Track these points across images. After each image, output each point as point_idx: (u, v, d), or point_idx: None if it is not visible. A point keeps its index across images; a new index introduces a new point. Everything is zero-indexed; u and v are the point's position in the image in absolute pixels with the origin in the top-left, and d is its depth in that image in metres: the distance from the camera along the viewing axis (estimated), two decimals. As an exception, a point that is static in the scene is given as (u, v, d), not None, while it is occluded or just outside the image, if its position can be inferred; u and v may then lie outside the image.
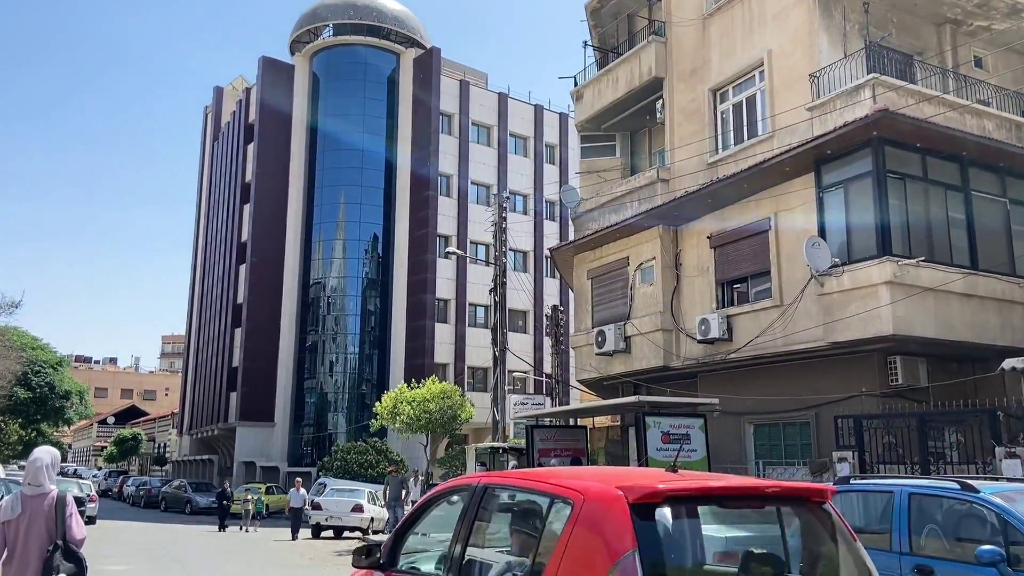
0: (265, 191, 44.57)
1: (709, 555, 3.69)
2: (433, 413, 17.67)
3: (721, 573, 3.69)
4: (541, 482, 3.86)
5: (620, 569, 3.00)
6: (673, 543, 3.38)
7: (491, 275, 45.47)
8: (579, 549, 3.22)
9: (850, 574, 3.62)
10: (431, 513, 4.63)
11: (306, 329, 44.37)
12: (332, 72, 45.79)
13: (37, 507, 5.21)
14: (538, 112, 48.53)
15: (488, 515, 4.13)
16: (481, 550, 4.04)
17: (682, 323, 16.90)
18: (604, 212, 19.28)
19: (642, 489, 3.24)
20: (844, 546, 3.67)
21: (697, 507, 3.51)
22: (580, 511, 3.32)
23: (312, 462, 41.27)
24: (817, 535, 3.74)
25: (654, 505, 3.21)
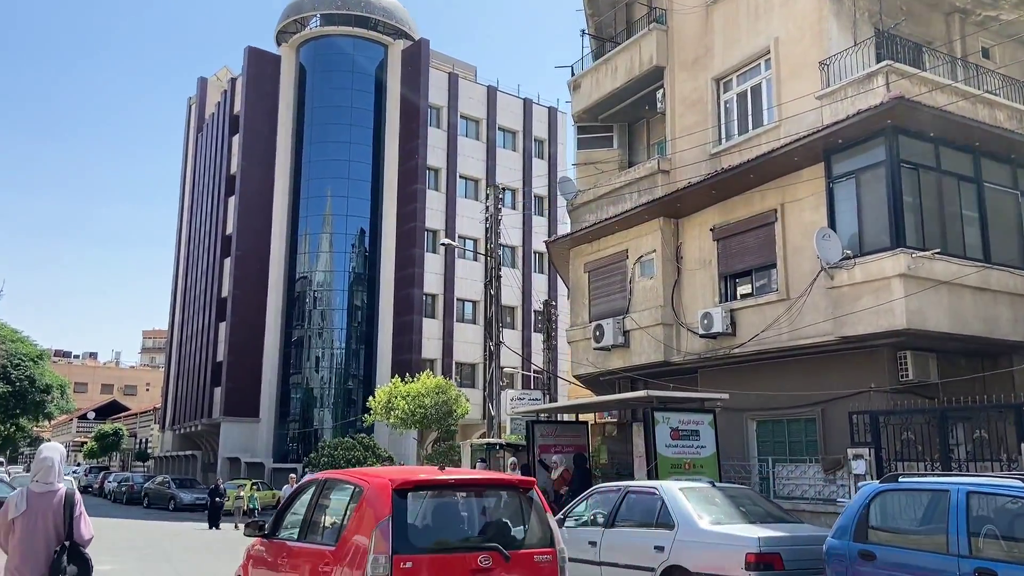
0: (250, 183, 43.86)
1: (456, 519, 5.84)
2: (428, 408, 17.18)
3: (455, 529, 5.80)
4: (353, 476, 6.19)
5: (381, 527, 5.18)
6: (415, 514, 5.52)
7: (480, 270, 45.11)
8: (363, 514, 5.51)
9: (541, 534, 5.84)
10: (299, 499, 6.73)
11: (292, 323, 43.74)
12: (319, 63, 45.12)
13: (45, 504, 5.16)
14: (527, 106, 48.10)
15: (327, 497, 6.39)
16: (320, 517, 6.33)
17: (683, 317, 16.54)
18: (602, 204, 18.87)
19: (399, 481, 5.56)
20: (538, 517, 5.90)
21: (437, 492, 5.78)
22: (366, 493, 5.65)
23: (298, 458, 40.71)
24: (524, 510, 5.92)
25: (405, 491, 5.49)
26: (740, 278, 15.70)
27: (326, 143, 43.72)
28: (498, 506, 5.93)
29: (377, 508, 5.33)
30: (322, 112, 44.12)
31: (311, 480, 6.86)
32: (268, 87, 44.83)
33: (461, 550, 5.41)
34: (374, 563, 5.04)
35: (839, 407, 13.67)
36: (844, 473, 11.15)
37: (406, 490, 5.42)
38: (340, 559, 5.39)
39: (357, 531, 5.41)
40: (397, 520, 5.21)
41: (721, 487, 8.01)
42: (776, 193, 14.73)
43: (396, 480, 5.55)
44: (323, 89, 44.49)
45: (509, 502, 5.93)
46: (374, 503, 5.41)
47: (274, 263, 43.74)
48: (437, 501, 5.72)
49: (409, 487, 5.46)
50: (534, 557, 5.58)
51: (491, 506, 5.94)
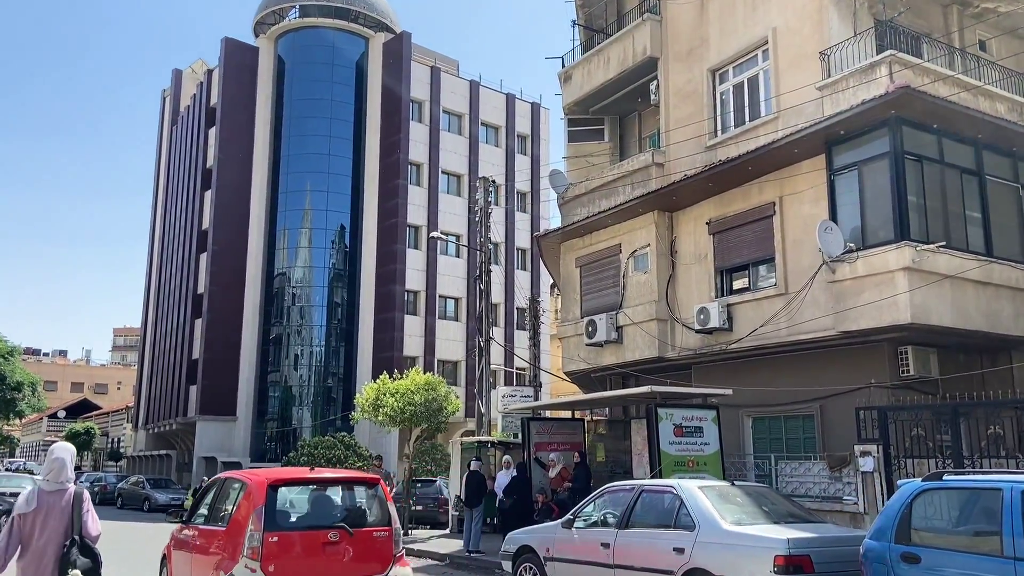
0: (227, 177, 43.04)
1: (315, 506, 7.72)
2: (417, 406, 16.76)
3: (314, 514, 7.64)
4: (242, 475, 7.93)
5: (256, 512, 6.85)
6: (283, 503, 7.35)
7: (462, 267, 44.71)
8: (245, 504, 7.25)
9: (381, 516, 7.70)
10: (208, 493, 8.45)
11: (270, 320, 42.99)
12: (298, 55, 44.38)
13: (54, 502, 5.37)
14: (510, 101, 47.71)
15: (225, 491, 8.10)
16: (219, 506, 8.02)
17: (678, 312, 16.27)
18: (594, 197, 18.55)
19: (272, 479, 7.38)
20: (380, 504, 7.76)
21: (301, 486, 7.84)
22: (249, 487, 7.34)
23: (276, 457, 40.02)
24: (369, 499, 7.88)
25: (276, 486, 7.28)
26: (737, 272, 15.46)
27: (305, 136, 43.01)
28: (349, 496, 8.07)
29: (255, 498, 7.09)
30: (301, 105, 43.40)
31: (216, 479, 8.68)
32: (246, 79, 44.02)
33: (316, 528, 7.38)
34: (250, 537, 6.83)
35: (838, 403, 13.47)
36: (850, 470, 10.91)
37: (277, 485, 7.29)
38: (229, 536, 7.24)
39: (240, 515, 7.21)
40: (269, 507, 6.90)
41: (741, 485, 7.68)
42: (774, 186, 14.49)
43: (271, 478, 7.43)
44: (302, 81, 43.77)
45: (358, 493, 8.08)
46: (253, 495, 7.18)
47: (252, 258, 42.96)
48: (302, 493, 7.90)
49: (279, 483, 7.38)
50: (373, 533, 7.60)
51: (344, 496, 8.06)
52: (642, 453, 12.50)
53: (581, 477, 12.28)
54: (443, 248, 43.63)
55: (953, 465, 9.50)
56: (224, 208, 42.71)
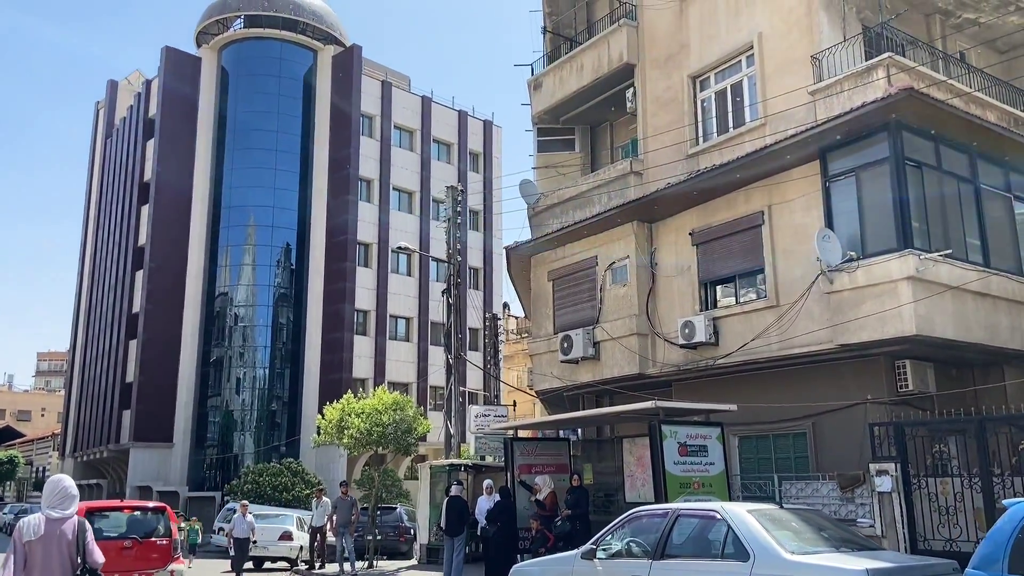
0: (166, 191, 41.15)
1: (119, 524, 11.87)
2: (386, 427, 15.64)
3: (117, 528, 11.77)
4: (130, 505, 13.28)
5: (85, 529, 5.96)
6: (98, 522, 11.02)
7: (414, 286, 43.58)
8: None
9: (164, 530, 11.91)
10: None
11: (210, 341, 41.05)
12: (243, 66, 42.91)
13: (58, 530, 5.45)
14: (462, 118, 47.02)
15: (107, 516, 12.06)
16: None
17: (659, 327, 15.58)
18: (568, 208, 17.84)
19: (86, 508, 10.73)
20: (163, 522, 12.02)
21: (107, 512, 12.36)
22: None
23: (216, 486, 38.04)
24: (156, 519, 12.11)
25: (90, 512, 11.06)
26: (723, 284, 14.87)
27: (250, 150, 41.46)
28: (142, 517, 12.02)
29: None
30: (246, 117, 41.89)
31: (88, 507, 11.02)
32: (187, 89, 42.32)
33: (118, 538, 11.17)
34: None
35: (833, 420, 12.92)
36: (864, 490, 10.28)
37: (90, 512, 9.96)
38: None
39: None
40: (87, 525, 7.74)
41: (791, 508, 6.90)
42: (762, 194, 13.98)
43: (88, 507, 10.82)
44: (248, 93, 42.29)
45: (149, 515, 12.13)
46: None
47: (191, 276, 41.05)
48: (109, 516, 11.72)
49: (91, 510, 10.73)
50: (157, 542, 11.55)
51: (139, 517, 12.02)
52: (634, 474, 11.69)
53: (581, 502, 11.37)
54: (395, 266, 42.49)
55: (982, 484, 8.95)
56: (162, 223, 40.78)
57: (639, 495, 11.60)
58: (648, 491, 11.40)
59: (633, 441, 11.92)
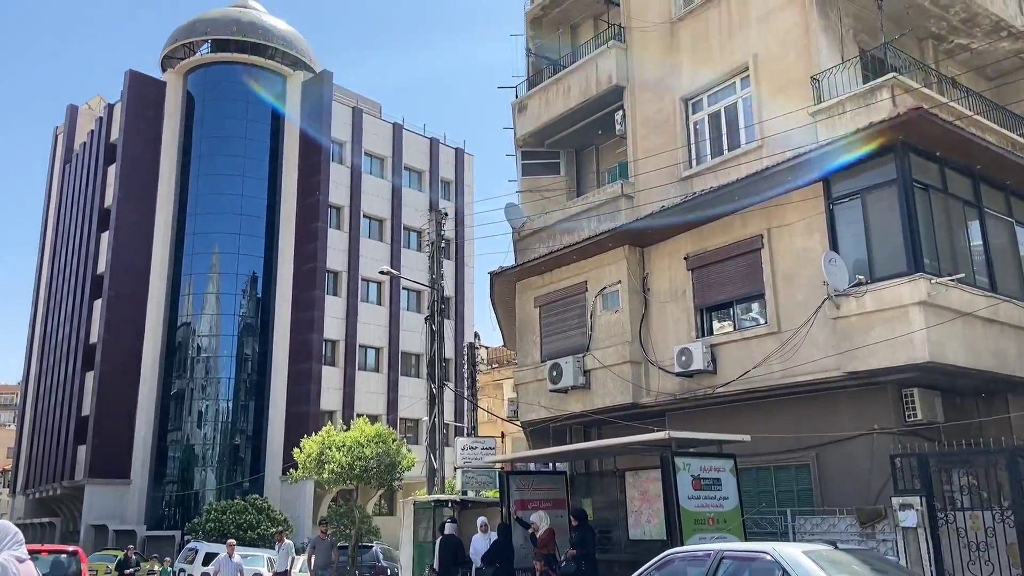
0: (128, 218, 39.93)
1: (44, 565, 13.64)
2: (369, 460, 14.78)
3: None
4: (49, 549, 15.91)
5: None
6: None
7: (384, 315, 42.68)
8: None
9: (77, 570, 14.32)
10: None
11: (172, 373, 39.66)
12: (210, 92, 42.08)
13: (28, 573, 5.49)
14: (434, 146, 46.60)
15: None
16: None
17: (653, 354, 15.05)
18: (555, 232, 17.32)
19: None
20: (76, 564, 14.48)
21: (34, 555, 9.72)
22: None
23: (176, 524, 36.47)
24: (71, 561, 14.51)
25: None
26: (719, 310, 14.41)
27: (216, 176, 40.50)
28: (59, 560, 13.95)
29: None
30: (212, 143, 40.97)
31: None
32: (151, 114, 41.33)
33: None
34: None
35: (837, 451, 12.45)
36: (886, 526, 9.77)
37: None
38: None
39: None
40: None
41: (847, 550, 6.30)
42: (761, 217, 13.60)
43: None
44: (214, 118, 41.42)
45: (66, 558, 14.11)
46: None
47: (153, 306, 39.73)
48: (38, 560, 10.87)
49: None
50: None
51: (58, 560, 13.95)
52: (639, 510, 11.06)
53: (587, 540, 10.66)
54: (364, 295, 41.60)
55: (1016, 518, 8.49)
56: (123, 250, 39.48)
57: (644, 532, 10.96)
58: (654, 528, 10.77)
59: (636, 474, 11.31)
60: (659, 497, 10.76)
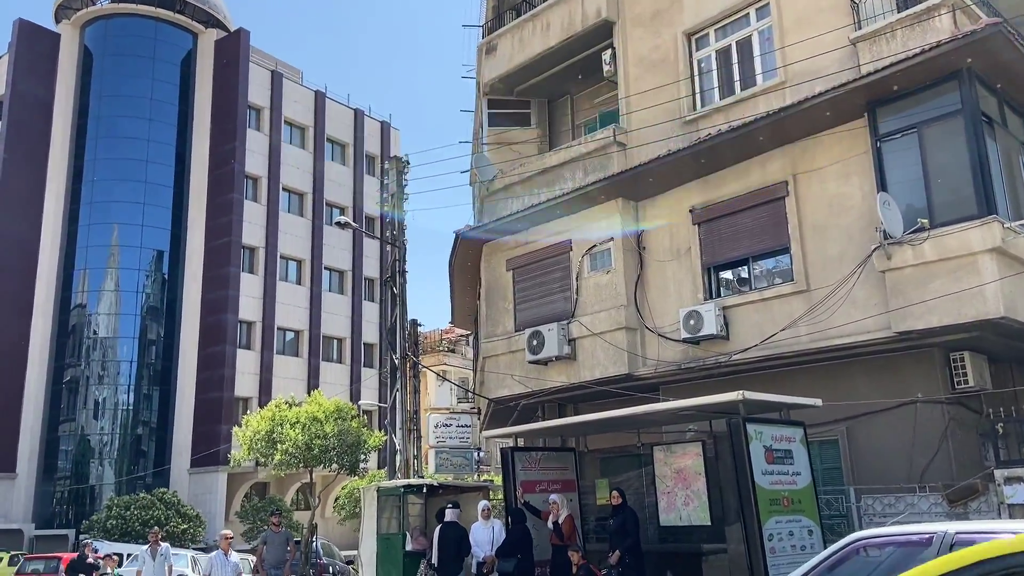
0: (14, 183, 35.60)
1: None
2: (330, 439, 12.47)
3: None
4: None
5: None
6: None
7: (304, 296, 39.67)
8: None
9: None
10: None
11: (64, 357, 35.64)
12: (110, 47, 38.07)
13: None
14: (358, 117, 43.80)
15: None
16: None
17: (651, 320, 13.32)
18: (531, 186, 15.41)
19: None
20: None
21: None
22: None
23: (68, 522, 32.67)
24: None
25: None
26: (732, 268, 12.82)
27: (117, 139, 36.62)
28: None
29: None
30: (113, 103, 37.04)
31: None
32: (43, 68, 37.04)
33: None
34: None
35: (871, 424, 11.06)
36: (982, 503, 8.31)
37: None
38: None
39: None
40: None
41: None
42: (784, 162, 12.05)
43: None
44: (115, 76, 37.46)
45: None
46: None
47: (42, 282, 35.57)
48: None
49: None
50: None
51: None
52: (672, 491, 9.27)
53: (629, 526, 8.74)
54: (283, 273, 38.53)
55: None
56: (8, 219, 35.15)
57: (679, 517, 9.19)
58: (694, 512, 9.02)
59: (668, 449, 9.51)
60: (699, 476, 9.04)
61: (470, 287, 19.60)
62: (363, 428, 14.02)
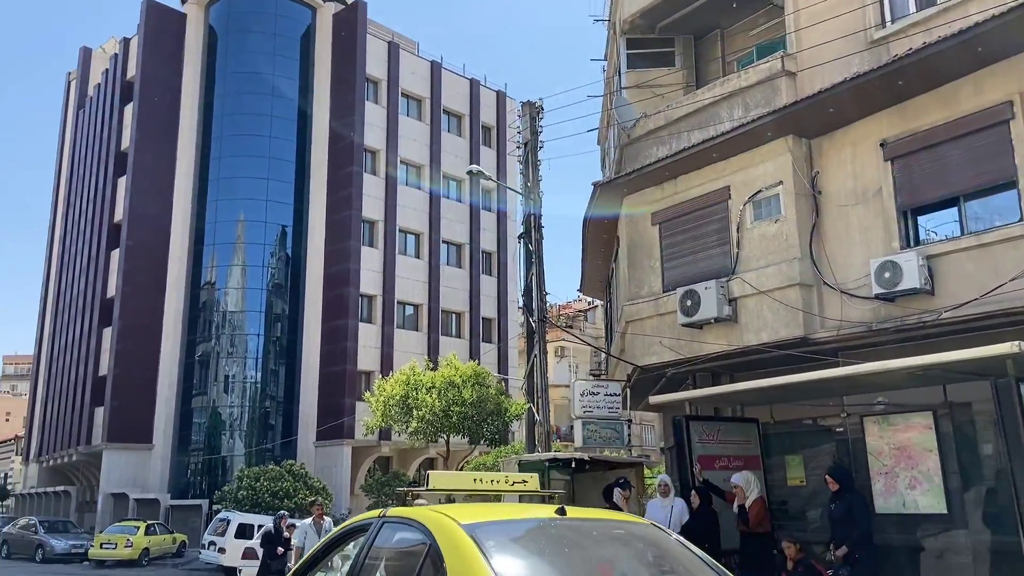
0: (146, 161, 36.58)
1: None
2: (467, 406, 11.38)
3: None
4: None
5: None
6: None
7: (423, 269, 39.24)
8: None
9: None
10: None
11: (195, 330, 36.50)
12: (234, 25, 38.49)
13: None
14: (474, 87, 42.84)
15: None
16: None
17: (831, 274, 11.47)
18: (680, 130, 13.78)
19: None
20: None
21: None
22: None
23: (201, 493, 33.45)
24: None
25: None
26: (937, 210, 10.82)
27: (242, 115, 37.04)
28: None
29: None
30: (237, 80, 37.46)
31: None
32: (170, 49, 37.83)
33: None
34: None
35: None
36: None
37: None
38: None
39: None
40: None
41: None
42: (1004, 79, 9.95)
43: None
44: (239, 54, 37.86)
45: None
46: None
47: (174, 257, 36.50)
48: None
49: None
50: None
51: None
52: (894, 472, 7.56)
53: (859, 515, 7.13)
54: (402, 247, 38.14)
55: None
56: (142, 197, 36.18)
57: (903, 503, 7.49)
58: (924, 496, 7.30)
59: (885, 421, 7.81)
60: (929, 452, 7.30)
61: (603, 249, 18.17)
62: (502, 396, 12.86)
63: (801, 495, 8.98)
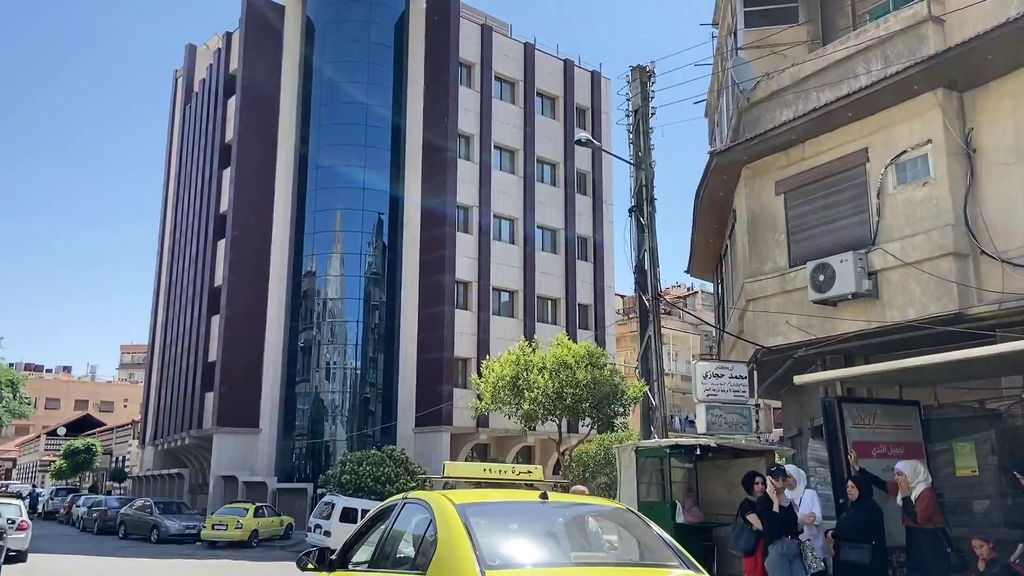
0: (249, 152, 37.38)
1: None
2: (582, 388, 10.81)
3: None
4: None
5: None
6: None
7: (518, 255, 38.81)
8: None
9: None
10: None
11: (297, 318, 37.16)
12: (330, 15, 38.87)
13: None
14: (568, 68, 41.97)
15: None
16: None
17: (990, 243, 10.27)
18: (807, 89, 12.72)
19: None
20: None
21: None
22: None
23: (306, 477, 34.08)
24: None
25: None
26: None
27: (338, 105, 37.38)
28: None
29: None
30: (333, 69, 37.80)
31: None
32: (270, 42, 38.49)
33: None
34: None
35: None
36: None
37: None
38: None
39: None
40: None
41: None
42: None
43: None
44: (335, 43, 38.21)
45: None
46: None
47: (277, 245, 37.21)
48: None
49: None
50: None
51: None
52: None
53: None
54: (496, 232, 37.76)
55: None
56: (245, 187, 37.02)
57: None
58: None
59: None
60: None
61: (716, 225, 17.16)
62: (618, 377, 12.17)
63: (968, 487, 7.94)
